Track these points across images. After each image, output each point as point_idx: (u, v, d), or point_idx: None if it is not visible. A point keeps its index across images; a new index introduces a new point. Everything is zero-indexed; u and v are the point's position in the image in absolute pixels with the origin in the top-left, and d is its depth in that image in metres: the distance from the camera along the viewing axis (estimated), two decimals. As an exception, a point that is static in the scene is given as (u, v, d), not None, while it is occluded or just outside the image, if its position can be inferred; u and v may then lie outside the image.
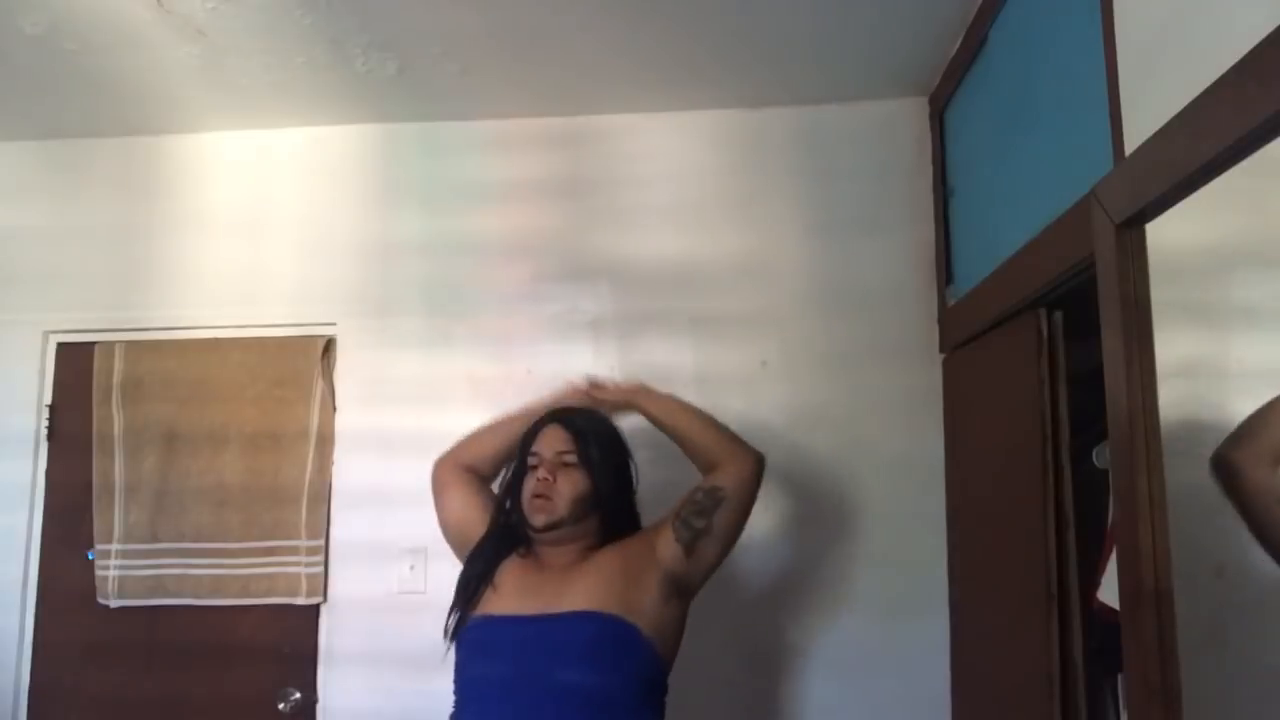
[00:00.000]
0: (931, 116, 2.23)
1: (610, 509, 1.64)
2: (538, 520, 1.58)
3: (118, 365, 2.34)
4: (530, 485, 1.61)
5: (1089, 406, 1.32)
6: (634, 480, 1.70)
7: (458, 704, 1.56)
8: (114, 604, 2.27)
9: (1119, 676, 1.42)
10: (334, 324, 2.34)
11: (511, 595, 1.57)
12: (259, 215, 2.40)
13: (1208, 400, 1.06)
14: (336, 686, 2.21)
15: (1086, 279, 1.27)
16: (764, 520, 2.14)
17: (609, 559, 1.59)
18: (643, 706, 1.53)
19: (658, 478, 1.79)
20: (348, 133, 2.40)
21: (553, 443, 1.62)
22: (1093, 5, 1.28)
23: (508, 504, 1.68)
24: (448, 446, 1.78)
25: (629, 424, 1.76)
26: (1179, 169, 0.99)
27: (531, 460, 1.63)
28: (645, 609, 1.54)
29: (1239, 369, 0.99)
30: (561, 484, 1.59)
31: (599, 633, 1.50)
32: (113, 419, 2.32)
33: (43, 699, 2.30)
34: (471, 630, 1.58)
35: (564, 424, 1.65)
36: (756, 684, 2.12)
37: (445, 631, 1.61)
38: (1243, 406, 0.99)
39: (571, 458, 1.61)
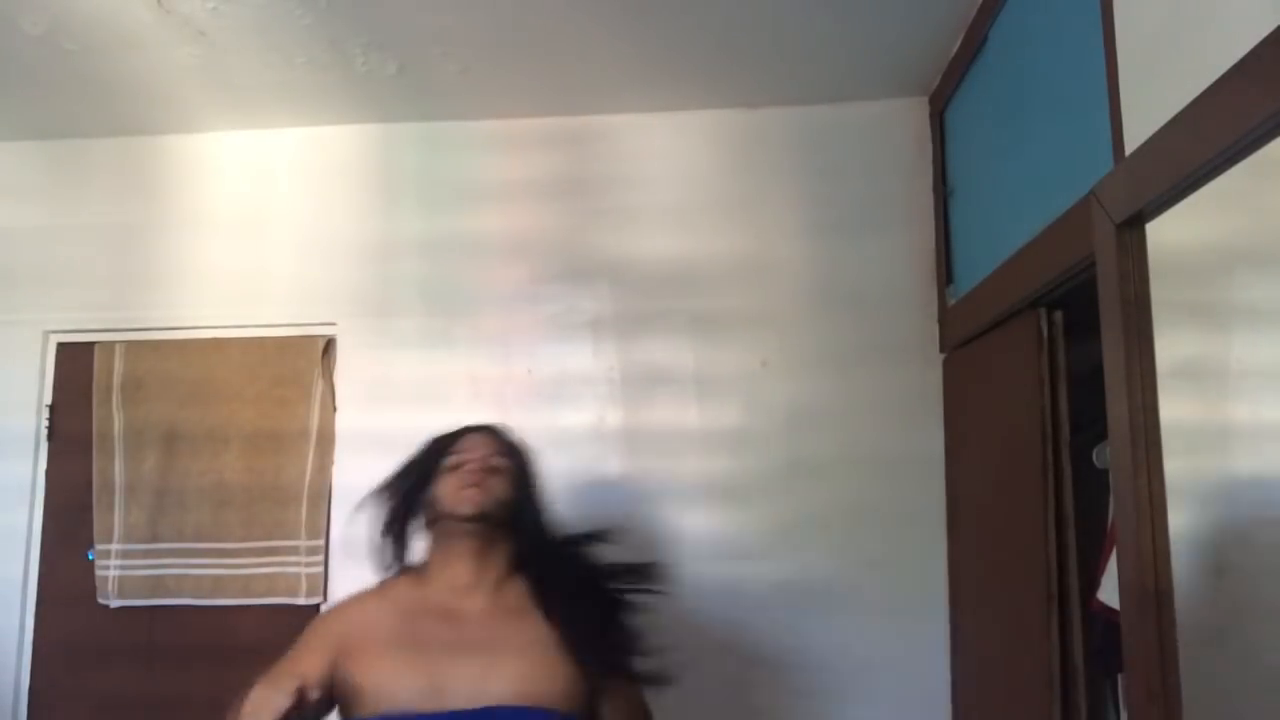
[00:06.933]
0: (931, 116, 2.22)
1: (527, 530, 1.46)
2: (466, 508, 1.40)
3: (118, 365, 2.34)
4: (455, 480, 1.44)
5: (1089, 406, 1.33)
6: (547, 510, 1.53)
7: None
8: (114, 604, 2.27)
9: (1119, 676, 1.42)
10: (334, 324, 2.34)
11: (411, 664, 1.32)
12: (259, 215, 2.40)
13: (1208, 400, 1.06)
14: (336, 686, 2.21)
15: (1086, 279, 1.28)
16: (764, 520, 2.15)
17: (528, 613, 1.40)
18: None
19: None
20: (348, 133, 2.40)
21: (480, 446, 1.49)
22: (1093, 5, 1.28)
23: (405, 510, 1.49)
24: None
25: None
26: (1179, 169, 0.99)
27: (452, 461, 1.47)
28: (567, 683, 1.36)
29: (1239, 369, 0.99)
30: (492, 483, 1.44)
31: None
32: (113, 419, 2.32)
33: (43, 699, 2.29)
34: None
35: (488, 432, 1.52)
36: (756, 684, 2.12)
37: None
38: (1243, 406, 0.99)
39: (499, 463, 1.47)
